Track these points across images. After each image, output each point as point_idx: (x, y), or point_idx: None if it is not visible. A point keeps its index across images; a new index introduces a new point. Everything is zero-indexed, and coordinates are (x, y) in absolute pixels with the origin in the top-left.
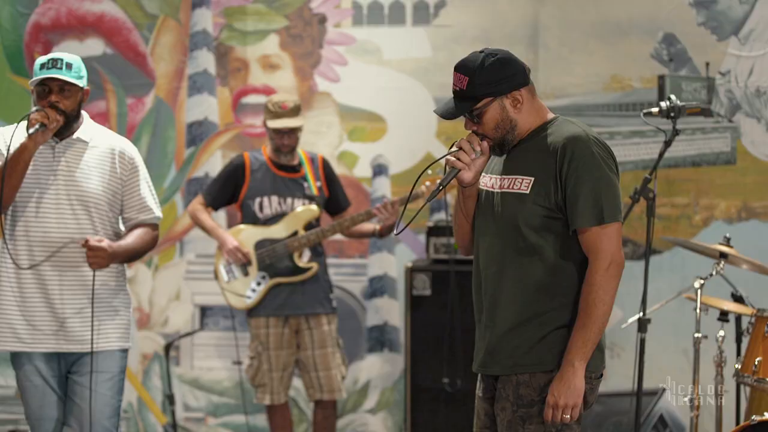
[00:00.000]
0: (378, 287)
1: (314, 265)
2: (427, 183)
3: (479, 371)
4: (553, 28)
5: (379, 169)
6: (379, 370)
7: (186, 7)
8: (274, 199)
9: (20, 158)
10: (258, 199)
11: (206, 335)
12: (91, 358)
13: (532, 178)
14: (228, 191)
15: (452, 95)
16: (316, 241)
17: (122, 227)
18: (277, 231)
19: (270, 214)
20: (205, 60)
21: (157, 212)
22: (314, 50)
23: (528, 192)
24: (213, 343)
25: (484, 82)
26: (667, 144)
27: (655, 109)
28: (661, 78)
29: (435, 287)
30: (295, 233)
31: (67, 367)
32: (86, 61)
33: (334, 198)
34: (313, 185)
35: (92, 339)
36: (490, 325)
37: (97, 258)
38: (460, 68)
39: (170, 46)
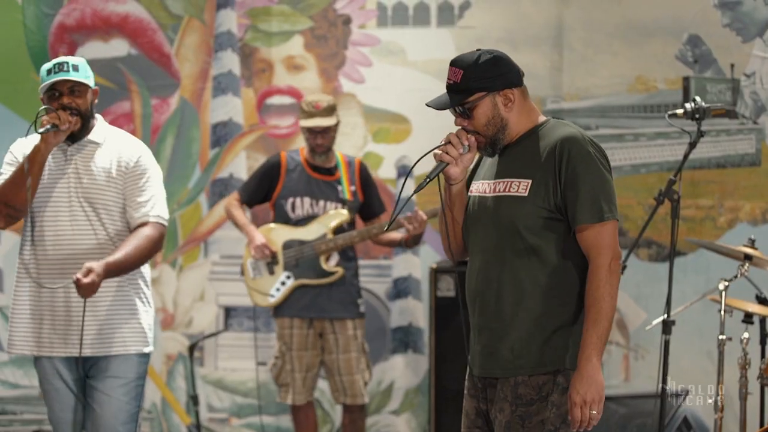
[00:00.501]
0: (402, 288)
1: (339, 270)
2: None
3: (480, 374)
4: (578, 29)
5: (403, 170)
6: (403, 372)
7: (211, 7)
8: (307, 200)
9: (34, 161)
10: (291, 200)
11: (230, 336)
12: (75, 361)
13: (530, 181)
14: (263, 189)
15: (446, 89)
16: (344, 245)
17: None
18: (307, 232)
19: (301, 215)
20: (230, 61)
21: (157, 212)
22: (339, 51)
23: (526, 194)
24: (237, 344)
25: (477, 77)
26: (692, 146)
27: (679, 111)
28: (686, 79)
29: (460, 288)
30: (324, 236)
31: (85, 371)
32: (111, 61)
33: (368, 203)
34: (347, 189)
35: (81, 344)
36: (488, 328)
37: (90, 289)
38: (456, 62)
39: (195, 47)
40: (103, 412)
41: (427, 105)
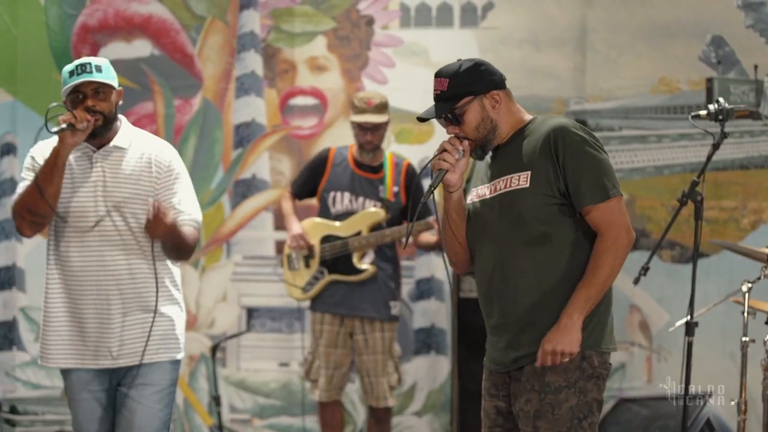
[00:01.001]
0: (425, 289)
1: (370, 268)
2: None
3: (503, 370)
4: (601, 30)
5: (426, 171)
6: (425, 373)
7: (234, 8)
8: (347, 195)
9: (55, 163)
10: (332, 194)
11: (253, 337)
12: (106, 371)
13: (528, 172)
14: (310, 182)
15: (433, 101)
16: (376, 244)
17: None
18: (343, 228)
19: (341, 210)
20: (253, 61)
21: (190, 215)
22: (362, 52)
23: (528, 185)
24: (259, 345)
25: (463, 83)
26: (716, 147)
27: (703, 112)
28: (710, 81)
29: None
30: (359, 233)
31: (117, 380)
32: (133, 62)
33: (409, 206)
34: (389, 189)
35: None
36: (511, 323)
37: (161, 222)
38: (440, 73)
39: (218, 48)
40: (135, 420)
41: (418, 118)
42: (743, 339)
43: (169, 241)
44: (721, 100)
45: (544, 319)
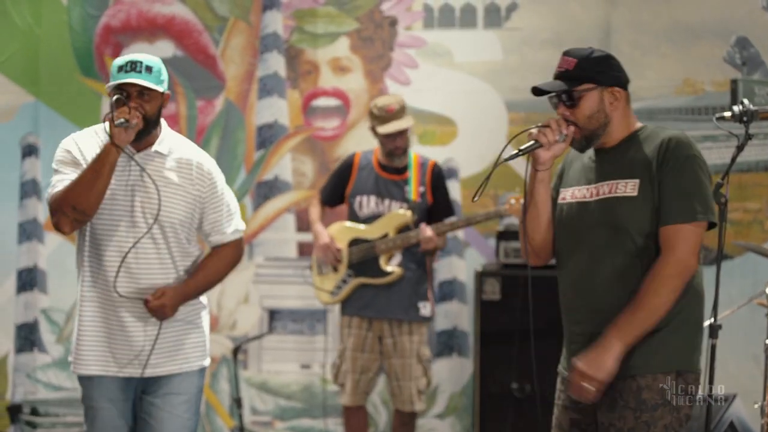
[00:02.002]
0: (447, 291)
1: (396, 270)
2: (512, 200)
3: None
4: (625, 31)
5: (449, 173)
6: (447, 375)
7: (256, 9)
8: (373, 199)
9: (104, 161)
10: (359, 198)
11: (274, 338)
12: (130, 381)
13: (638, 180)
14: (338, 189)
15: (554, 78)
16: (402, 246)
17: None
18: (370, 231)
19: (368, 214)
20: (276, 62)
21: (235, 227)
22: (385, 53)
23: (636, 194)
24: (281, 347)
25: (590, 68)
26: (740, 148)
27: (727, 113)
28: (734, 82)
29: (505, 292)
30: (386, 236)
31: (142, 388)
32: None
33: (435, 206)
34: (414, 190)
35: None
36: (599, 333)
37: (161, 314)
38: (569, 53)
39: (240, 49)
40: (164, 429)
41: (533, 88)
42: (767, 342)
43: (196, 296)
44: (745, 101)
45: (634, 345)
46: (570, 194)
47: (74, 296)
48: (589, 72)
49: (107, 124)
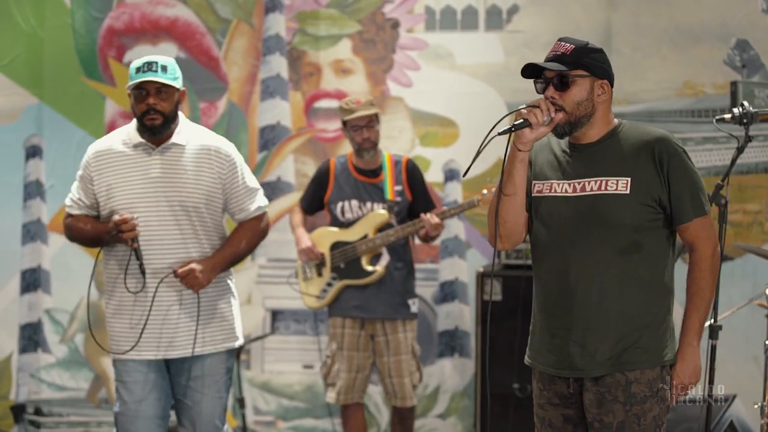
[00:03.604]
0: (449, 292)
1: (378, 269)
2: (484, 191)
3: (570, 375)
4: (626, 33)
5: (450, 174)
6: (449, 375)
7: (259, 11)
8: (354, 203)
9: (103, 241)
10: (340, 204)
11: (277, 339)
12: (164, 362)
13: (629, 179)
14: (317, 196)
15: (546, 61)
16: (382, 245)
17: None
18: (351, 234)
19: (351, 218)
20: (278, 64)
21: (258, 204)
22: (387, 55)
23: (628, 192)
24: (283, 347)
25: (586, 57)
26: (740, 150)
27: (727, 116)
28: (734, 84)
29: (506, 292)
30: (365, 237)
31: (174, 370)
32: None
33: (415, 202)
34: (390, 190)
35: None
36: (588, 327)
37: (192, 280)
38: (566, 39)
39: (243, 51)
40: (199, 409)
41: (525, 66)
42: (767, 342)
43: (227, 267)
44: (745, 103)
45: (629, 329)
46: (548, 188)
47: (78, 297)
48: (584, 59)
49: (135, 128)
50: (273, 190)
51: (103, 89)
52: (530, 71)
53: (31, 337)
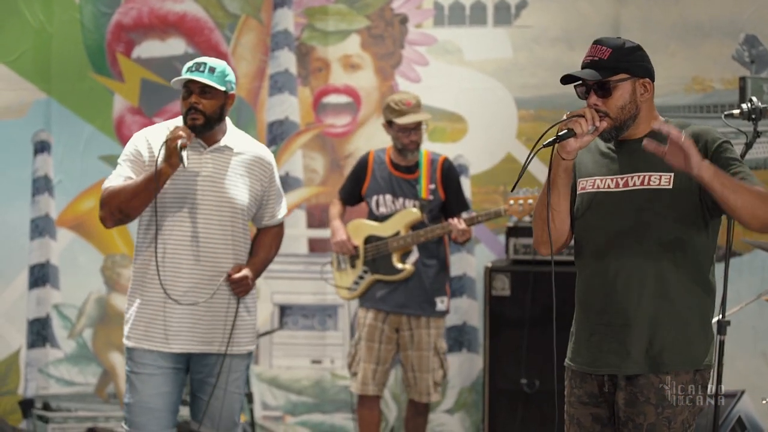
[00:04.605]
0: (457, 287)
1: (408, 268)
2: (511, 201)
3: (605, 372)
4: (634, 29)
5: (459, 170)
6: (457, 370)
7: (267, 6)
8: (389, 197)
9: (160, 178)
10: (375, 197)
11: (285, 334)
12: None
13: (672, 174)
14: (355, 188)
15: (582, 68)
16: (413, 243)
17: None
18: (384, 229)
19: (386, 212)
20: (287, 60)
21: (284, 210)
22: (395, 50)
23: (671, 187)
24: (292, 342)
25: (625, 59)
26: (748, 146)
27: (736, 111)
28: (743, 80)
29: (514, 288)
30: (397, 233)
31: (195, 366)
32: (167, 60)
33: (448, 202)
34: (424, 188)
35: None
36: (626, 325)
37: (244, 286)
38: (602, 41)
39: (251, 46)
40: (220, 405)
41: (565, 76)
42: None
43: (265, 269)
44: (754, 99)
45: (666, 328)
46: (591, 184)
47: (86, 292)
48: (623, 62)
49: (178, 126)
50: (281, 185)
51: (111, 84)
52: (569, 79)
53: (39, 333)
